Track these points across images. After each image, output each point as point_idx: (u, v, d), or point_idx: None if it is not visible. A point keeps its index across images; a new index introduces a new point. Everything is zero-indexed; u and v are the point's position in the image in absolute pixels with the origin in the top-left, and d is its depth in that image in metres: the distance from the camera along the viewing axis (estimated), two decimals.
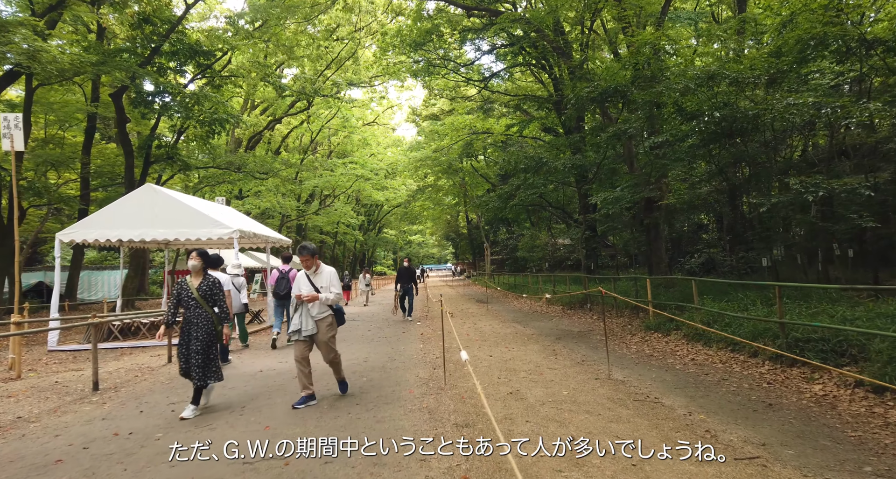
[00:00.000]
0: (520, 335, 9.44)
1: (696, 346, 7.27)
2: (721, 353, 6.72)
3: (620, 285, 15.55)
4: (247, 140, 30.89)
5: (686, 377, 5.84)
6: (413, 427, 4.19)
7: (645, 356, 7.02)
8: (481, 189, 39.67)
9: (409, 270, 13.34)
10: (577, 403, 4.77)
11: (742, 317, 6.91)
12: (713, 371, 6.05)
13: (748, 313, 7.03)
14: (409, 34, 21.15)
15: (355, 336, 10.35)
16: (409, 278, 13.18)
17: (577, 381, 5.66)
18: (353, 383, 6.02)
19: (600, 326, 10.30)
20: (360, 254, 67.70)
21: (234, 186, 29.00)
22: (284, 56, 26.20)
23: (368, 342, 9.38)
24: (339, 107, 34.38)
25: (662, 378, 5.81)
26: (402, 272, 13.33)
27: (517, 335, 9.42)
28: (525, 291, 19.16)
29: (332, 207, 41.07)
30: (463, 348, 4.97)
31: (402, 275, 13.28)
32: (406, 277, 13.17)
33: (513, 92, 29.53)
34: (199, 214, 10.71)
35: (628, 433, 3.85)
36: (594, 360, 6.83)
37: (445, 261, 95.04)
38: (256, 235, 11.98)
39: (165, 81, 17.71)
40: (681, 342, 7.54)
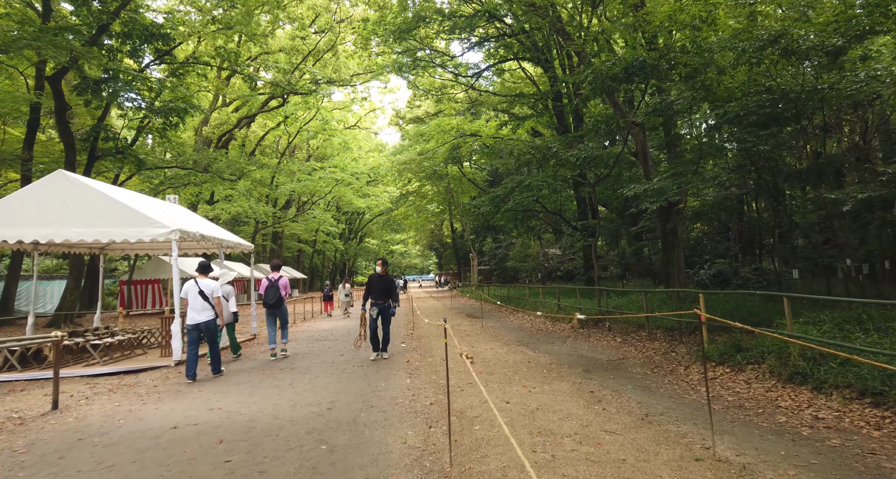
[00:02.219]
0: (535, 365, 7.40)
1: (801, 392, 5.15)
2: (856, 407, 4.59)
3: (635, 299, 13.66)
4: (216, 139, 28.53)
5: (837, 457, 3.65)
6: None
7: (733, 407, 4.87)
8: (467, 196, 37.84)
9: (383, 280, 8.31)
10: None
11: (879, 352, 4.83)
12: (866, 442, 3.87)
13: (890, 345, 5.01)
14: (393, 21, 19.23)
15: (323, 363, 8.20)
16: (383, 292, 8.26)
17: (663, 461, 3.59)
18: (304, 455, 3.93)
19: (630, 351, 8.32)
20: (341, 263, 65.23)
21: (202, 189, 26.53)
22: (259, 48, 24.11)
23: (339, 374, 7.25)
24: (319, 108, 32.30)
25: (798, 456, 3.69)
26: (374, 283, 8.28)
27: (531, 365, 7.37)
28: (523, 304, 17.14)
29: (310, 214, 38.72)
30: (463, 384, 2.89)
31: (374, 287, 8.28)
32: (380, 289, 8.25)
33: (502, 92, 27.84)
34: (126, 209, 8.51)
35: None
36: (662, 412, 4.75)
37: (428, 271, 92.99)
38: (205, 238, 9.79)
39: (115, 65, 15.45)
40: (771, 384, 5.49)
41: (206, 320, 7.18)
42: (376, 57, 23.21)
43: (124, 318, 17.55)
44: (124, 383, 7.23)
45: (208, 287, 7.29)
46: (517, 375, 6.69)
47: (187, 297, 7.23)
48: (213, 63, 18.86)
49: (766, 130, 7.61)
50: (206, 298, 7.20)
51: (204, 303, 7.19)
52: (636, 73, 8.66)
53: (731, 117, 7.38)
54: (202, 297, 7.19)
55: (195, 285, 7.25)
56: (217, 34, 19.80)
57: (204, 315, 7.18)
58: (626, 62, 8.75)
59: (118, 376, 7.90)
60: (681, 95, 7.46)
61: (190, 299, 7.19)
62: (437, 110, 33.30)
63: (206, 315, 7.20)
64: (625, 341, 9.19)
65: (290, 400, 5.74)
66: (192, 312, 7.17)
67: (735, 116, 7.33)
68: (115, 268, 41.29)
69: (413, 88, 31.13)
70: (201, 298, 7.18)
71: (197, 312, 7.17)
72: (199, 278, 7.42)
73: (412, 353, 9.07)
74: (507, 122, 25.59)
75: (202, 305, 7.19)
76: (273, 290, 8.77)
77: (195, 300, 7.18)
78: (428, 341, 10.52)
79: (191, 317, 7.16)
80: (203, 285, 7.28)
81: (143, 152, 20.69)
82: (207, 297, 7.21)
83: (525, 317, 14.97)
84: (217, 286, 7.44)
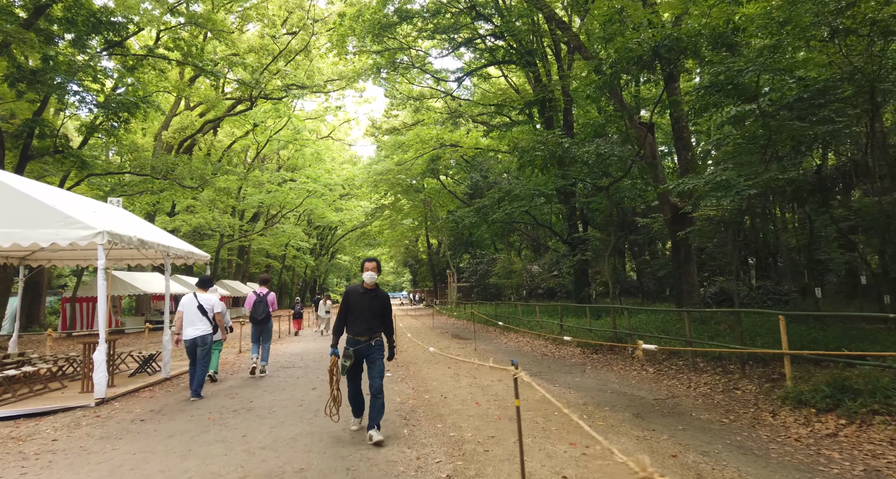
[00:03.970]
0: (567, 407, 5.80)
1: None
2: None
3: (648, 319, 12.34)
4: (178, 145, 26.39)
5: None
6: None
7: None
8: (445, 210, 36.41)
9: (373, 298, 4.82)
10: None
11: None
12: None
13: None
14: (372, 17, 17.84)
15: (290, 402, 6.45)
16: (371, 319, 4.79)
17: None
18: None
19: (675, 386, 6.79)
20: (311, 280, 62.71)
21: (160, 198, 24.21)
22: (225, 46, 22.37)
23: (310, 419, 5.53)
24: (290, 116, 30.58)
25: None
26: (356, 302, 4.80)
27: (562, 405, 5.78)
28: (516, 323, 15.58)
29: (279, 228, 36.54)
30: None
31: (355, 309, 4.80)
32: (365, 313, 4.78)
33: (484, 102, 26.70)
34: (36, 205, 6.68)
35: None
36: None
37: (401, 289, 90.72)
38: (146, 244, 7.94)
39: (53, 50, 13.52)
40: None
41: (202, 334, 6.96)
42: (352, 58, 21.77)
43: (54, 341, 15.27)
44: (14, 434, 5.34)
45: (208, 302, 7.16)
46: (550, 422, 5.09)
47: (184, 311, 7.03)
48: (172, 56, 17.03)
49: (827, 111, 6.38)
50: (204, 312, 7.04)
51: (202, 317, 7.02)
52: (667, 50, 7.39)
53: (815, 91, 6.12)
54: (200, 312, 7.03)
55: (194, 299, 7.10)
56: (178, 29, 18.07)
57: (200, 329, 6.97)
58: (655, 40, 7.48)
59: (14, 421, 5.99)
60: (750, 63, 6.15)
61: (186, 314, 7.02)
62: (414, 121, 31.92)
63: (202, 329, 6.97)
64: (660, 372, 7.67)
65: (238, 466, 4.01)
66: (189, 326, 6.98)
67: (816, 90, 6.09)
68: (65, 283, 37.94)
69: (391, 97, 29.79)
70: (199, 312, 7.03)
71: (193, 326, 6.97)
72: (198, 292, 7.25)
73: (402, 385, 7.38)
74: (491, 129, 24.35)
75: (199, 319, 7.00)
76: (262, 305, 8.55)
77: (192, 315, 7.01)
78: (418, 369, 8.83)
79: (187, 332, 6.96)
80: (203, 299, 7.14)
81: (89, 155, 18.51)
82: (206, 312, 7.06)
83: (520, 338, 13.40)
84: (217, 301, 7.30)
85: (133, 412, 6.20)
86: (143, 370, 8.96)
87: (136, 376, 8.72)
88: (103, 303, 6.80)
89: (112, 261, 10.65)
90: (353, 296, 4.81)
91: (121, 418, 5.89)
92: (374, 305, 4.79)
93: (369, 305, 4.76)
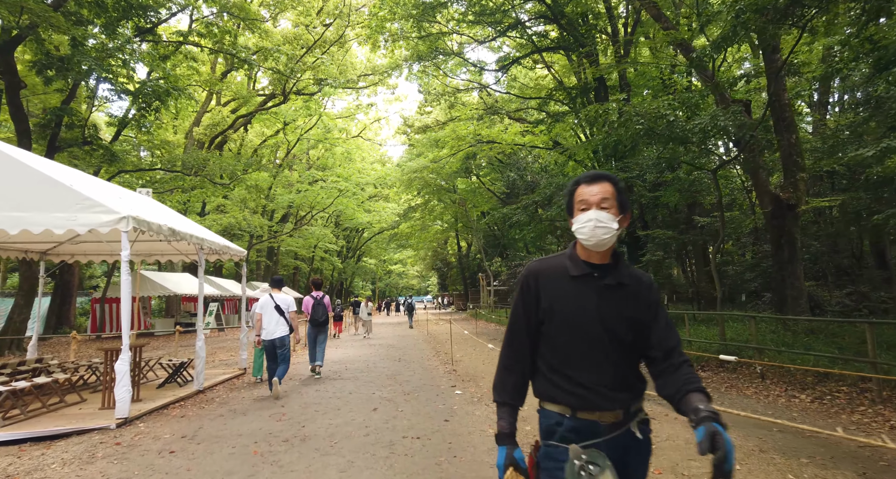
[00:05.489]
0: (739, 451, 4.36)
1: None
2: None
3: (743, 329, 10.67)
4: (209, 141, 25.68)
5: None
6: None
7: None
8: (478, 211, 35.02)
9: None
10: None
11: None
12: None
13: None
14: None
15: (352, 427, 5.16)
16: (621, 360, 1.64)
17: None
18: None
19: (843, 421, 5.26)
20: (338, 283, 61.99)
21: (191, 196, 23.44)
22: (257, 37, 21.51)
23: (386, 458, 4.22)
24: (321, 114, 29.71)
25: None
26: (564, 298, 1.66)
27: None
28: None
29: (308, 229, 35.65)
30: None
31: (576, 322, 1.63)
32: (605, 345, 1.61)
33: (525, 96, 25.22)
34: (50, 183, 5.56)
35: None
36: None
37: (425, 293, 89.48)
38: (176, 233, 6.77)
39: (82, 31, 12.68)
40: None
41: (281, 335, 7.09)
42: (387, 48, 20.56)
43: (80, 344, 14.38)
44: (13, 469, 4.16)
45: (284, 302, 7.24)
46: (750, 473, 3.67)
47: (262, 312, 7.14)
48: (205, 43, 16.14)
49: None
50: (281, 312, 7.15)
51: (279, 318, 7.13)
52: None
53: None
54: (278, 312, 7.14)
55: (271, 299, 7.20)
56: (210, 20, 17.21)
57: (280, 330, 7.10)
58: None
59: (19, 446, 4.85)
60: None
61: (265, 315, 7.13)
62: (448, 118, 30.63)
63: (281, 330, 7.11)
64: (819, 401, 6.05)
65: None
66: (269, 327, 7.09)
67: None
68: (97, 284, 37.67)
69: (425, 92, 28.65)
70: (277, 312, 7.13)
71: (273, 327, 7.09)
72: (273, 292, 7.35)
73: (483, 408, 6.00)
74: (534, 124, 22.88)
75: (277, 319, 7.12)
76: (321, 308, 8.72)
77: (271, 315, 7.12)
78: (474, 382, 7.46)
79: (268, 332, 7.07)
80: (279, 299, 7.23)
81: (120, 149, 17.75)
82: (283, 312, 7.16)
83: None
84: (292, 301, 7.37)
85: (161, 437, 4.99)
86: (174, 380, 7.81)
87: (166, 388, 7.57)
88: (127, 302, 5.63)
89: (139, 256, 9.58)
90: (552, 285, 1.68)
91: (146, 447, 4.68)
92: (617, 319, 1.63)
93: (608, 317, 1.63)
